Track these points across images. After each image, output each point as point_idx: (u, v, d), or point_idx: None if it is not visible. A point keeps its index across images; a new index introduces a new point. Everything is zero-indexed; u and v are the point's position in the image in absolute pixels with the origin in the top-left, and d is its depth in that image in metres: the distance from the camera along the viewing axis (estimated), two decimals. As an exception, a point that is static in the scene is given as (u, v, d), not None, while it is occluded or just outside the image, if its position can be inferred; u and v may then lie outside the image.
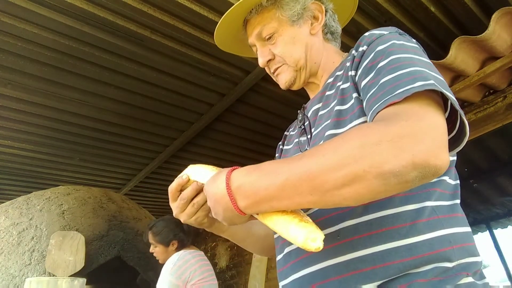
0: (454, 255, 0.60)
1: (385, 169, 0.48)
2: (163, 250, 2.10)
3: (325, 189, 0.51)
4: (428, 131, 0.51)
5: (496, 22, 1.54)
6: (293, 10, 0.84)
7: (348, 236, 0.62)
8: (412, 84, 0.55)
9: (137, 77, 2.17)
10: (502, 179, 4.45)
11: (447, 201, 0.66)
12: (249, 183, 0.57)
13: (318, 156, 0.53)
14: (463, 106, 2.19)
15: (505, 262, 5.52)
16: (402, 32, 0.73)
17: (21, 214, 2.37)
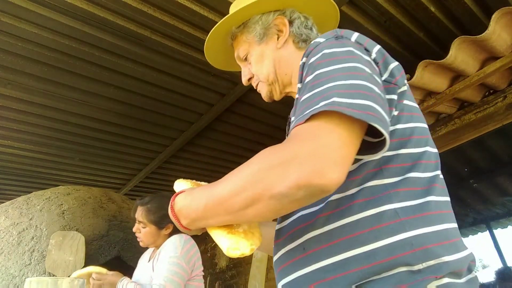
0: (416, 258, 0.59)
1: (275, 192, 0.55)
2: (154, 232, 1.80)
3: (235, 210, 0.60)
4: (315, 152, 0.53)
5: (496, 22, 1.54)
6: (255, 32, 0.93)
7: (313, 247, 0.65)
8: (316, 105, 0.58)
9: (137, 77, 2.17)
10: (502, 179, 4.45)
11: (415, 199, 0.64)
12: (185, 207, 0.69)
13: (227, 182, 0.62)
14: (463, 106, 2.19)
15: (505, 262, 5.52)
16: (339, 35, 0.73)
17: (21, 214, 2.37)
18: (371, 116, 0.55)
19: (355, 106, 0.56)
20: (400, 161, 0.66)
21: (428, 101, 1.97)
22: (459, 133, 2.18)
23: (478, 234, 6.68)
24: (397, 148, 0.66)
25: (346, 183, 0.61)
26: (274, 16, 0.93)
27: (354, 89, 0.59)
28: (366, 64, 0.66)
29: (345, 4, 1.79)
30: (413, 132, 0.69)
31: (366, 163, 0.65)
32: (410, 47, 2.17)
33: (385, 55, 0.72)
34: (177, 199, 0.71)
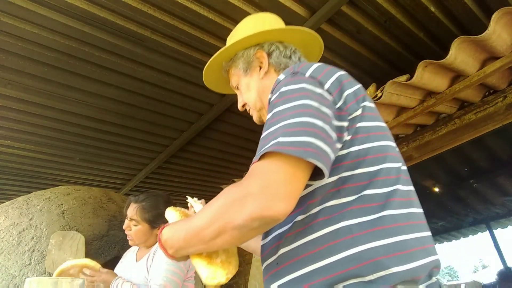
0: (366, 270, 0.66)
1: (235, 224, 0.67)
2: (146, 231, 1.74)
3: (207, 240, 0.72)
4: (265, 189, 0.65)
5: (496, 22, 1.54)
6: (240, 65, 1.08)
7: (284, 262, 0.75)
8: (267, 144, 0.68)
9: (137, 77, 2.17)
10: (502, 179, 4.45)
11: (370, 215, 0.71)
12: (169, 238, 0.80)
13: (200, 216, 0.74)
14: (463, 106, 2.19)
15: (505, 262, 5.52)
16: (296, 71, 0.81)
17: (21, 214, 2.37)
18: (308, 152, 0.65)
19: (295, 144, 0.66)
20: (356, 180, 0.74)
21: (428, 101, 1.97)
22: (459, 133, 2.18)
23: (478, 234, 6.68)
24: (353, 169, 0.74)
25: (307, 205, 0.73)
26: (255, 51, 1.07)
27: (297, 127, 0.68)
28: (316, 97, 0.75)
29: (345, 4, 1.79)
30: (368, 152, 0.76)
31: (323, 186, 0.74)
32: (410, 47, 2.17)
33: (341, 84, 0.80)
34: (163, 231, 0.83)
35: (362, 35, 2.03)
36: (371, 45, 2.12)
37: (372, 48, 2.14)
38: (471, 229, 6.55)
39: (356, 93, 0.81)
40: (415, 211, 0.78)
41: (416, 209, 0.79)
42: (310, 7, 1.81)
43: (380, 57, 2.23)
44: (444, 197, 4.87)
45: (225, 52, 1.11)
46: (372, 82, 2.17)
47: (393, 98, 1.89)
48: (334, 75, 0.82)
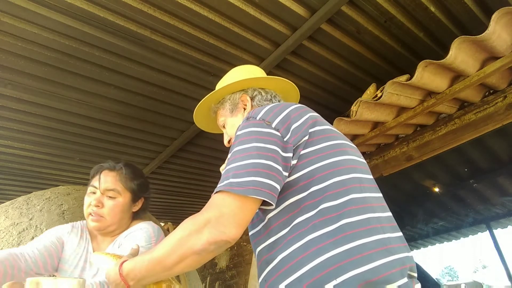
0: (330, 276, 0.75)
1: (196, 249, 0.81)
2: (127, 205, 1.41)
3: (169, 267, 0.85)
4: (219, 220, 0.80)
5: (496, 22, 1.54)
6: (226, 107, 1.27)
7: (270, 278, 0.86)
8: (222, 182, 0.84)
9: (137, 77, 2.17)
10: (502, 179, 4.44)
11: (330, 226, 0.81)
12: (130, 270, 0.90)
13: (161, 247, 0.86)
14: (463, 106, 2.19)
15: (505, 262, 5.52)
16: (249, 116, 0.98)
17: (21, 214, 2.37)
18: (252, 190, 0.81)
19: (242, 184, 0.81)
20: (312, 197, 0.85)
21: (428, 101, 1.97)
22: (459, 133, 2.18)
23: (478, 234, 6.67)
24: (307, 188, 0.86)
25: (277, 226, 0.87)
26: (240, 95, 1.26)
27: (244, 169, 0.84)
28: (262, 137, 0.89)
29: (345, 4, 1.79)
30: (318, 171, 0.88)
31: (287, 207, 0.87)
32: (410, 47, 2.17)
33: (290, 119, 0.93)
34: (124, 265, 0.93)
35: (362, 35, 2.03)
36: (371, 45, 2.12)
37: (372, 48, 2.14)
38: (471, 229, 6.55)
39: (304, 123, 0.94)
40: (375, 215, 0.87)
41: (377, 213, 0.89)
42: (310, 7, 1.81)
43: (380, 57, 2.23)
44: (444, 197, 4.86)
45: (214, 95, 1.30)
46: (372, 82, 2.17)
47: (393, 98, 1.89)
48: (283, 112, 0.95)
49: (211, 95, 1.30)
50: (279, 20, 1.87)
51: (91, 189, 1.41)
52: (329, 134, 0.97)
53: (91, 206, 1.37)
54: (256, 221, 0.95)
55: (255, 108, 1.13)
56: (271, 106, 0.99)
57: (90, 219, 1.37)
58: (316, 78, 2.35)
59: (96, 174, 1.43)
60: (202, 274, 4.45)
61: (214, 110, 1.34)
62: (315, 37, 2.00)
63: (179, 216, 4.81)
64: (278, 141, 0.89)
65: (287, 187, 0.88)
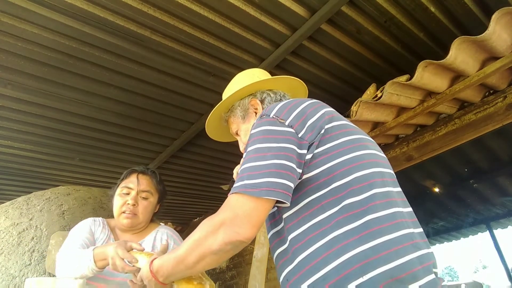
0: (357, 274, 0.74)
1: (213, 249, 0.85)
2: (154, 205, 1.60)
3: (191, 266, 0.91)
4: (233, 220, 0.82)
5: (496, 22, 1.54)
6: (237, 114, 1.25)
7: (291, 277, 0.85)
8: (237, 183, 0.86)
9: (137, 77, 2.17)
10: (502, 179, 4.45)
11: (354, 222, 0.80)
12: (160, 268, 0.98)
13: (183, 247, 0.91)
14: (463, 106, 2.19)
15: (505, 262, 5.52)
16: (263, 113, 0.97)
17: (21, 214, 2.37)
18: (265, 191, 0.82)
19: (256, 185, 0.82)
20: (334, 193, 0.84)
21: (428, 101, 1.97)
22: (459, 133, 2.18)
23: (478, 234, 6.68)
24: (328, 184, 0.85)
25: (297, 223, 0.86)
26: (249, 99, 1.23)
27: (258, 170, 0.85)
28: (276, 136, 0.89)
29: (345, 4, 1.79)
30: (339, 166, 0.87)
31: (307, 204, 0.86)
32: (410, 47, 2.17)
33: (305, 115, 0.92)
34: (154, 262, 1.00)
35: (362, 35, 2.03)
36: (371, 45, 2.12)
37: (372, 48, 2.14)
38: (471, 229, 6.55)
39: (320, 119, 0.92)
40: (399, 210, 0.85)
41: (401, 208, 0.87)
42: (310, 7, 1.81)
43: (380, 57, 2.23)
44: (444, 197, 4.87)
45: (223, 104, 1.28)
46: (372, 82, 2.17)
47: (393, 98, 1.89)
48: (298, 108, 0.94)
49: (220, 105, 1.29)
50: (279, 20, 1.87)
51: (125, 190, 1.56)
52: (347, 129, 0.95)
53: (127, 205, 1.52)
54: (274, 221, 0.95)
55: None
56: (285, 103, 0.97)
57: (123, 216, 1.53)
58: (316, 78, 2.35)
59: (129, 176, 1.61)
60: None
61: (225, 119, 1.32)
62: (315, 37, 2.00)
63: (179, 216, 4.81)
64: (292, 138, 0.89)
65: (306, 184, 0.87)
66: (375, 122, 2.18)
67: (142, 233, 1.59)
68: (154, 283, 1.00)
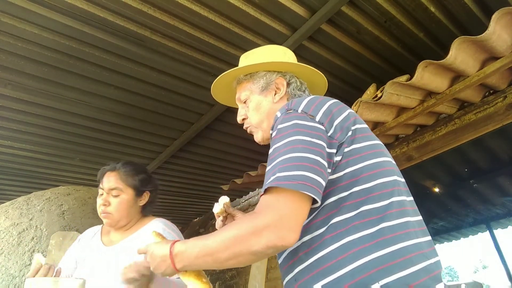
0: (372, 279, 0.73)
1: (253, 250, 0.78)
2: (131, 200, 1.51)
3: (221, 261, 0.82)
4: (277, 223, 0.76)
5: (496, 23, 1.54)
6: (259, 84, 1.14)
7: (301, 278, 0.83)
8: (269, 179, 0.80)
9: (137, 77, 2.17)
10: (502, 179, 4.45)
11: (370, 228, 0.79)
12: (180, 252, 0.88)
13: (217, 239, 0.83)
14: (463, 106, 2.19)
15: (505, 262, 5.52)
16: (290, 108, 0.92)
17: (21, 214, 2.37)
18: (303, 185, 0.76)
19: (290, 178, 0.77)
20: (354, 197, 0.82)
21: (428, 101, 1.97)
22: (459, 133, 2.18)
23: (478, 234, 6.68)
24: (350, 188, 0.83)
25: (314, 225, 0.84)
26: (277, 76, 1.15)
27: (291, 162, 0.80)
28: (308, 131, 0.85)
29: (345, 4, 1.79)
30: (362, 171, 0.85)
31: (327, 206, 0.83)
32: (410, 47, 2.17)
33: (331, 113, 0.89)
34: (176, 245, 0.90)
35: (362, 36, 2.03)
36: (371, 46, 2.12)
37: (372, 48, 2.14)
38: (471, 229, 6.55)
39: (346, 119, 0.90)
40: (411, 219, 0.85)
41: (412, 217, 0.86)
42: (310, 7, 1.81)
43: (380, 57, 2.23)
44: (444, 197, 4.87)
45: (251, 67, 1.17)
46: (372, 82, 2.17)
47: (393, 98, 1.89)
48: (324, 105, 0.91)
49: (245, 67, 1.17)
50: (279, 20, 1.88)
51: (99, 191, 1.54)
52: (368, 133, 0.93)
53: (101, 206, 1.50)
54: None
55: (292, 99, 1.07)
56: (311, 98, 0.94)
57: (102, 217, 1.51)
58: (316, 78, 2.35)
59: (100, 177, 1.56)
60: (202, 274, 4.45)
61: (239, 81, 1.20)
62: (315, 37, 2.00)
63: (179, 216, 4.82)
64: (323, 135, 0.85)
65: (328, 185, 0.84)
66: (375, 122, 2.18)
67: (131, 230, 1.54)
68: (166, 267, 0.89)
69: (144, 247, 0.98)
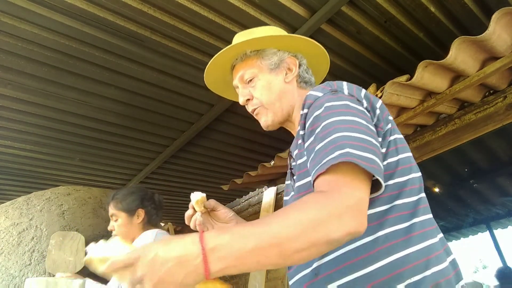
0: (405, 275, 0.70)
1: (331, 238, 0.62)
2: (126, 221, 1.75)
3: (289, 254, 0.61)
4: (359, 207, 0.66)
5: (496, 23, 1.54)
6: (271, 60, 1.03)
7: (323, 272, 0.76)
8: (332, 154, 0.69)
9: (137, 77, 2.17)
10: (502, 179, 4.45)
11: (403, 223, 0.75)
12: (221, 246, 0.59)
13: (282, 224, 0.62)
14: (463, 106, 2.19)
15: (506, 262, 5.52)
16: (335, 89, 0.85)
17: (21, 214, 2.37)
18: (375, 169, 0.69)
19: (364, 159, 0.68)
20: (389, 191, 0.78)
21: (428, 101, 1.97)
22: (459, 133, 2.18)
23: (478, 234, 6.68)
24: (385, 181, 0.76)
25: None
26: (288, 55, 1.06)
27: (359, 142, 0.71)
28: (362, 114, 0.79)
29: (345, 4, 1.79)
30: (398, 164, 0.81)
31: None
32: (410, 47, 2.17)
33: (370, 100, 0.84)
34: (208, 236, 0.60)
35: (362, 36, 2.03)
36: (371, 46, 2.12)
37: (372, 48, 2.14)
38: (471, 229, 6.55)
39: (382, 109, 0.85)
40: (431, 216, 0.83)
41: (431, 214, 0.84)
42: (310, 7, 1.81)
43: (380, 57, 2.23)
44: (444, 197, 4.87)
45: (262, 41, 1.03)
46: (372, 82, 2.16)
47: (393, 98, 1.88)
48: (362, 91, 0.86)
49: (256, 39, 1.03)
50: (279, 20, 1.87)
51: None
52: (396, 126, 0.89)
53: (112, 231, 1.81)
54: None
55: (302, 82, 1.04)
56: (348, 83, 0.87)
57: None
58: (316, 78, 2.35)
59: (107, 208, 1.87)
60: (202, 274, 4.44)
61: (244, 57, 1.05)
62: (315, 37, 1.99)
63: (180, 217, 4.81)
64: (372, 122, 0.80)
65: None
66: (375, 122, 2.18)
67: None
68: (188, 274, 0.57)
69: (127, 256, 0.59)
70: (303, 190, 0.84)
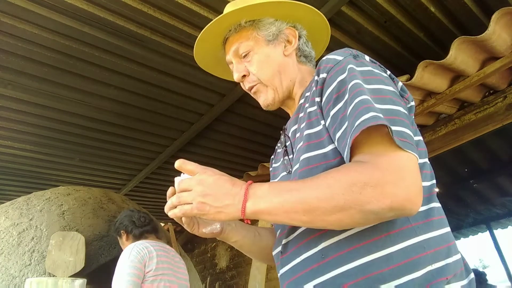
0: (427, 261, 0.63)
1: (367, 208, 0.58)
2: (120, 241, 2.22)
3: (316, 213, 0.61)
4: (405, 177, 0.59)
5: (496, 23, 1.54)
6: (269, 31, 0.92)
7: (332, 254, 0.67)
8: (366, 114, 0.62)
9: (137, 77, 2.17)
10: (502, 179, 4.45)
11: (422, 206, 0.67)
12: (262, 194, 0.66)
13: (315, 183, 0.63)
14: (463, 106, 2.19)
15: (505, 262, 5.52)
16: (355, 54, 0.78)
17: (21, 214, 2.37)
18: (410, 145, 0.63)
19: (399, 134, 0.62)
20: None
21: (428, 101, 1.97)
22: (459, 133, 2.18)
23: (478, 234, 6.68)
24: None
25: None
26: (287, 26, 0.95)
27: (390, 115, 0.65)
28: (387, 81, 0.73)
29: (345, 4, 1.79)
30: (418, 144, 0.74)
31: None
32: (410, 47, 2.17)
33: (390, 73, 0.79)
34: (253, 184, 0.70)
35: (362, 36, 2.03)
36: (371, 46, 2.12)
37: (372, 48, 2.14)
38: (471, 229, 6.55)
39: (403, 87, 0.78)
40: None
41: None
42: (310, 7, 1.81)
43: (380, 57, 2.23)
44: (444, 197, 4.86)
45: (258, 9, 0.91)
46: (372, 82, 2.16)
47: (393, 98, 1.88)
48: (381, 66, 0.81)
49: (251, 6, 0.91)
50: (279, 20, 1.87)
51: None
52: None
53: None
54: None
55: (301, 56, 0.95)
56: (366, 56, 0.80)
57: None
58: (316, 78, 2.35)
59: None
60: (202, 274, 4.45)
61: (237, 28, 0.93)
62: (315, 37, 2.00)
63: (179, 216, 4.80)
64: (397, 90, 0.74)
65: None
66: (375, 122, 2.18)
67: None
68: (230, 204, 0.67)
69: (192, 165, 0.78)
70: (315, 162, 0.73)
